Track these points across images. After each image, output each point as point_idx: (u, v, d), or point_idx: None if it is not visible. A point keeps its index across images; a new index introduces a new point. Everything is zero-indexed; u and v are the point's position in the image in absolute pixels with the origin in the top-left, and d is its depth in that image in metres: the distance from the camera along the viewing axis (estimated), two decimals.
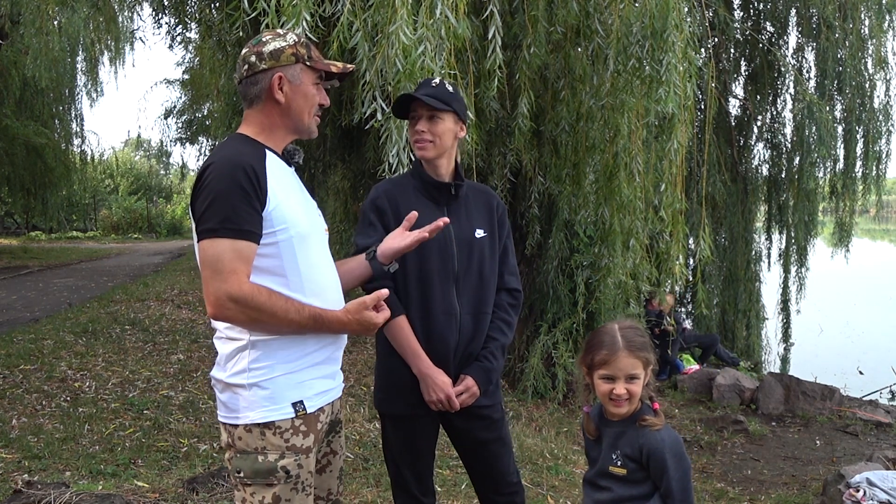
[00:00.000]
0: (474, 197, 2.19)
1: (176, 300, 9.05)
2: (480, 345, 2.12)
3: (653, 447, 1.70)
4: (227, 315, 1.56)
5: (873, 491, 3.38)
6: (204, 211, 1.57)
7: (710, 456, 5.54)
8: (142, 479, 3.39)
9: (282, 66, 1.67)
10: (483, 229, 2.14)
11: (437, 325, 2.06)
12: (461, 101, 2.14)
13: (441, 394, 2.03)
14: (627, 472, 1.74)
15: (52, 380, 5.16)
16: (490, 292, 2.15)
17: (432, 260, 2.06)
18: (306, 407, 1.65)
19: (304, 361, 1.66)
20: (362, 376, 5.97)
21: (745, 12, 8.69)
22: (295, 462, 1.62)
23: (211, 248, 1.55)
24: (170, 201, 32.82)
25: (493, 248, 2.16)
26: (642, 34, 4.01)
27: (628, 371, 1.74)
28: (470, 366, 2.10)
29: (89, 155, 18.10)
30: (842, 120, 8.06)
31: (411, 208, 2.00)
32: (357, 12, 3.06)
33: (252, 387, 1.61)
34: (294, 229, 1.63)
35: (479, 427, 2.14)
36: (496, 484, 2.18)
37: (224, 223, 1.54)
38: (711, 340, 8.23)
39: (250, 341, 1.61)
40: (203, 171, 1.60)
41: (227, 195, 1.55)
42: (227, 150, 1.65)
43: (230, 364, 1.64)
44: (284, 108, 1.69)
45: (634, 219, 4.80)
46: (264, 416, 1.60)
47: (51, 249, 18.79)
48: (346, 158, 7.85)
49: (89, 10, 9.77)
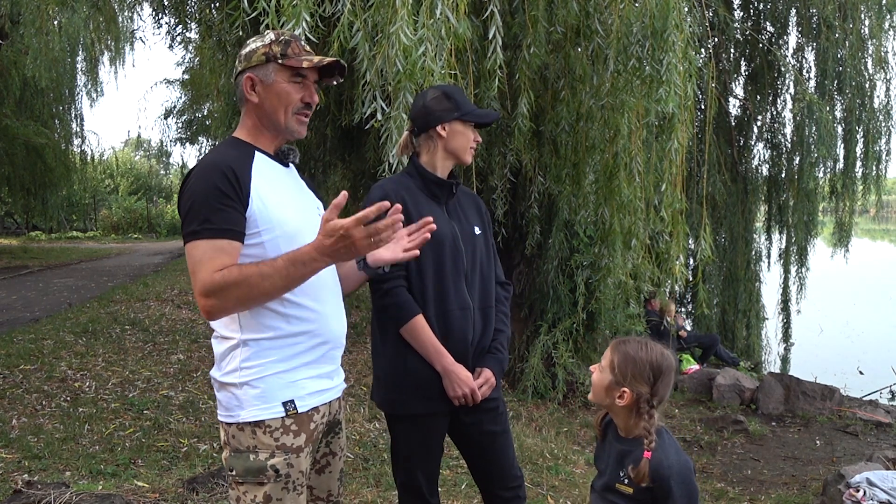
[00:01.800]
0: (463, 197, 2.27)
1: (176, 300, 9.05)
2: (490, 338, 2.19)
3: (658, 473, 1.65)
4: (213, 308, 1.55)
5: (873, 491, 3.38)
6: (186, 214, 1.59)
7: (710, 456, 5.54)
8: (142, 479, 3.39)
9: (252, 68, 1.69)
10: (478, 227, 2.22)
11: (456, 321, 2.09)
12: None
13: (466, 388, 2.06)
14: (634, 491, 1.71)
15: (52, 380, 5.16)
16: (492, 287, 2.23)
17: (446, 257, 2.09)
18: (297, 406, 1.64)
19: (296, 360, 1.66)
20: (362, 376, 5.97)
21: (745, 12, 8.70)
22: (285, 461, 1.62)
23: (193, 249, 1.56)
24: (170, 201, 32.77)
25: (488, 244, 2.25)
26: (642, 34, 4.01)
27: (603, 358, 1.78)
28: (484, 358, 2.16)
29: (89, 155, 18.11)
30: (842, 120, 8.06)
31: (419, 206, 2.05)
32: (357, 12, 3.07)
33: (243, 385, 1.61)
34: (280, 229, 1.63)
35: (486, 420, 2.16)
36: (502, 478, 2.20)
37: (204, 224, 1.55)
38: (711, 341, 8.23)
39: (241, 340, 1.62)
40: (186, 177, 1.65)
41: (206, 197, 1.56)
42: (212, 154, 1.68)
43: (224, 363, 1.65)
44: (260, 108, 1.71)
45: (635, 219, 4.79)
46: (255, 415, 1.61)
47: (51, 249, 18.78)
48: (346, 158, 7.85)
49: (89, 10, 9.77)
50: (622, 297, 5.76)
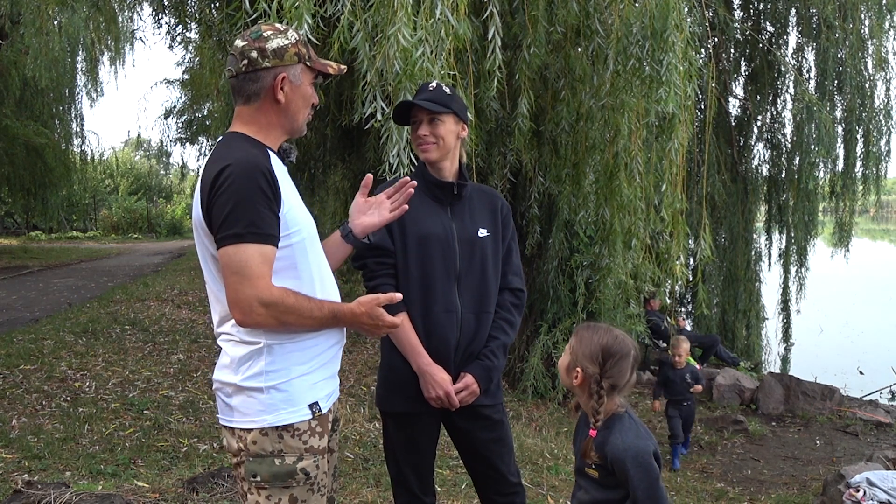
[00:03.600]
0: (479, 197, 2.21)
1: (176, 300, 9.05)
2: (482, 344, 2.13)
3: (615, 455, 1.69)
4: (257, 320, 1.54)
5: (873, 491, 3.38)
6: (227, 215, 1.51)
7: (710, 456, 5.54)
8: (142, 479, 3.39)
9: (285, 66, 1.63)
10: (486, 229, 2.15)
11: (438, 323, 2.07)
12: (460, 101, 2.15)
13: (440, 390, 2.03)
14: (599, 475, 1.75)
15: (52, 380, 5.16)
16: (492, 291, 2.16)
17: (434, 258, 2.07)
18: (321, 408, 1.65)
19: (316, 362, 1.66)
20: (362, 376, 5.97)
21: (745, 12, 8.70)
22: (314, 463, 1.61)
23: (237, 253, 1.51)
24: (170, 201, 32.81)
25: (496, 248, 2.17)
26: (642, 34, 4.01)
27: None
28: (471, 364, 2.10)
29: (89, 155, 18.18)
30: (842, 120, 8.06)
31: (416, 208, 2.03)
32: (357, 13, 3.07)
33: (269, 389, 1.59)
34: (305, 231, 1.63)
35: (479, 427, 2.14)
36: (497, 484, 2.18)
37: (249, 228, 1.51)
38: (712, 341, 8.23)
39: (266, 345, 1.59)
40: (219, 174, 1.53)
41: (251, 200, 1.51)
42: (238, 151, 1.58)
43: (244, 367, 1.60)
44: (283, 109, 1.66)
45: (635, 219, 4.80)
46: (283, 419, 1.59)
47: (51, 249, 18.79)
48: (346, 158, 7.86)
49: (89, 10, 9.78)
50: (622, 297, 5.76)
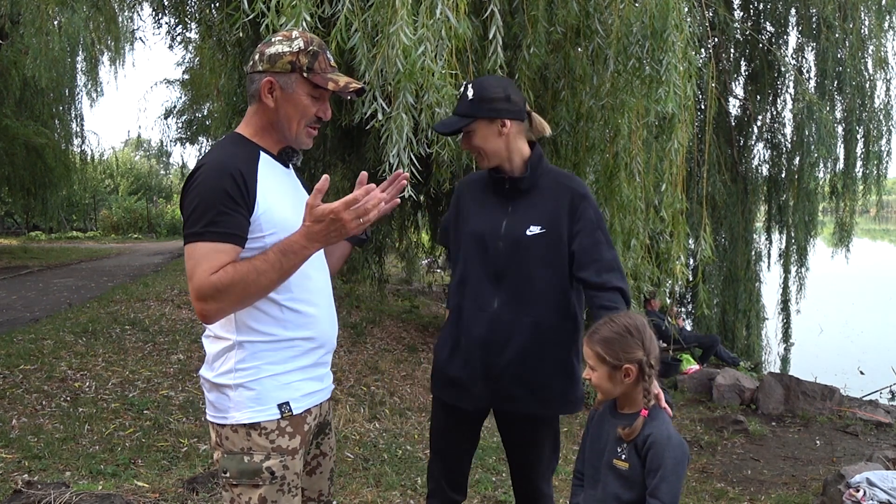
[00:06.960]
0: (551, 190, 2.07)
1: (176, 300, 9.04)
2: (521, 348, 2.03)
3: (657, 440, 1.68)
4: (209, 311, 1.52)
5: (873, 491, 3.38)
6: (190, 214, 1.55)
7: (710, 456, 5.54)
8: (142, 479, 3.39)
9: (275, 73, 1.63)
10: (541, 226, 2.02)
11: (468, 319, 2.09)
12: (487, 99, 2.03)
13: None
14: (629, 466, 1.73)
15: (52, 380, 5.15)
16: (540, 293, 2.03)
17: (474, 255, 2.09)
18: (293, 408, 1.64)
19: (292, 364, 1.65)
20: (362, 376, 5.97)
21: (745, 12, 8.70)
22: (280, 463, 1.61)
23: (194, 251, 1.53)
24: (170, 201, 32.76)
25: (554, 246, 2.03)
26: (642, 34, 4.01)
27: (587, 359, 1.79)
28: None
29: (89, 155, 18.12)
30: (842, 120, 8.06)
31: (476, 201, 2.12)
32: (357, 12, 3.07)
33: (238, 387, 1.60)
34: (284, 232, 1.61)
35: (511, 430, 2.21)
36: (524, 487, 2.25)
37: (207, 227, 1.52)
38: (712, 341, 8.24)
39: (237, 342, 1.61)
40: (192, 175, 1.59)
41: (213, 200, 1.53)
42: (216, 153, 1.63)
43: (217, 363, 1.63)
44: (273, 114, 1.67)
45: (635, 219, 4.79)
46: (250, 417, 1.60)
47: (51, 249, 18.77)
48: (346, 158, 7.85)
49: (89, 10, 9.79)
50: None
